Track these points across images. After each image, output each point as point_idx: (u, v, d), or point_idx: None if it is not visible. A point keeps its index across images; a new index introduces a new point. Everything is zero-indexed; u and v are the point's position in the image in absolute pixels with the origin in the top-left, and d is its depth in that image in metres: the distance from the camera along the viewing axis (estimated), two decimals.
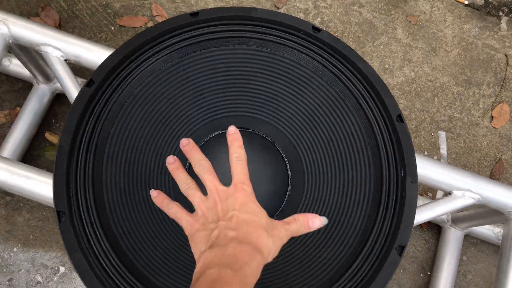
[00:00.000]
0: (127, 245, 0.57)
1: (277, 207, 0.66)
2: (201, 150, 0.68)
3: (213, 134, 0.69)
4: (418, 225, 1.13)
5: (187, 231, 0.50)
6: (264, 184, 0.63)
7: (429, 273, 1.09)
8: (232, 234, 0.45)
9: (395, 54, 1.25)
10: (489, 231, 1.08)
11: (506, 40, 1.30)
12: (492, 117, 1.23)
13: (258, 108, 0.69)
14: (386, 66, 1.24)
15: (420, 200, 1.06)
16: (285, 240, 0.48)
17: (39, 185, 0.78)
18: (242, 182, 0.50)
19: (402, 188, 0.60)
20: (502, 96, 1.25)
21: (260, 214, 0.49)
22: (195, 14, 0.65)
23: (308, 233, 0.62)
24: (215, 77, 0.67)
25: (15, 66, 1.09)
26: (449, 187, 0.84)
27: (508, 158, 1.19)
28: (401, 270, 1.09)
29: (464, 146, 1.20)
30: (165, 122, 0.65)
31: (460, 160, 1.18)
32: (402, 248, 0.58)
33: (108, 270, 0.55)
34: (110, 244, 0.56)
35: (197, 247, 0.47)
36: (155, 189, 0.56)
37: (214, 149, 0.67)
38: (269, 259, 0.47)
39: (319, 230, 0.61)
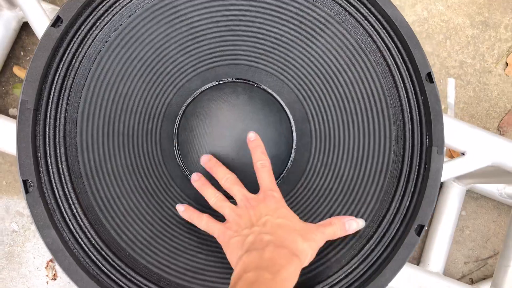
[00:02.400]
0: (108, 219, 0.49)
1: (279, 172, 0.58)
2: (194, 104, 0.59)
3: (208, 86, 0.59)
4: None
5: (220, 239, 0.49)
6: (265, 146, 0.55)
7: (426, 228, 1.05)
8: (267, 238, 0.45)
9: None
10: (492, 187, 1.03)
11: None
12: (506, 64, 1.13)
13: (262, 57, 0.58)
14: (397, 2, 1.12)
15: None
16: (321, 243, 0.48)
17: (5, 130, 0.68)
18: (271, 189, 0.50)
19: (427, 159, 0.52)
20: None
21: (293, 218, 0.48)
22: None
23: (313, 198, 0.55)
24: (211, 17, 0.55)
25: None
26: (463, 147, 0.77)
27: None
28: None
29: (473, 95, 1.11)
30: (152, 72, 0.55)
31: (468, 110, 1.11)
32: (421, 228, 0.51)
33: (86, 248, 0.47)
34: (88, 218, 0.48)
35: (233, 253, 0.46)
36: (181, 203, 0.53)
37: (209, 104, 0.57)
38: (306, 263, 0.46)
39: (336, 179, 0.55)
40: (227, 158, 0.57)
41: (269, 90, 0.59)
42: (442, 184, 1.05)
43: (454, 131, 0.77)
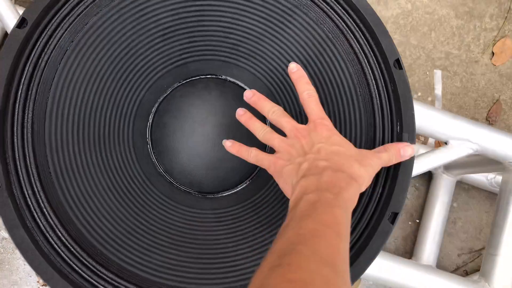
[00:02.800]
0: (79, 217, 0.49)
1: (255, 167, 0.58)
2: (166, 101, 0.59)
3: (179, 83, 0.59)
4: None
5: (271, 169, 0.48)
6: (240, 139, 0.55)
7: (417, 220, 1.05)
8: (323, 164, 0.43)
9: None
10: (482, 177, 1.02)
11: None
12: (492, 53, 1.13)
13: (232, 51, 0.58)
14: None
15: None
16: (377, 168, 0.47)
17: None
18: (321, 118, 0.48)
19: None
20: (505, 30, 1.14)
21: (347, 145, 0.47)
22: None
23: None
24: (178, 12, 0.56)
25: None
26: (445, 136, 0.76)
27: (507, 99, 1.11)
28: None
29: (460, 86, 1.11)
30: (121, 70, 0.55)
31: (455, 101, 1.10)
32: (395, 215, 0.51)
33: (56, 247, 0.47)
34: (58, 217, 0.47)
35: (287, 181, 0.45)
36: (227, 139, 0.54)
37: (181, 101, 0.58)
38: (363, 188, 0.45)
39: None
40: (201, 153, 0.57)
41: (241, 84, 0.60)
42: (431, 176, 1.05)
43: (435, 121, 0.76)
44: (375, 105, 0.53)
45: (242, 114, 0.52)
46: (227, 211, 0.56)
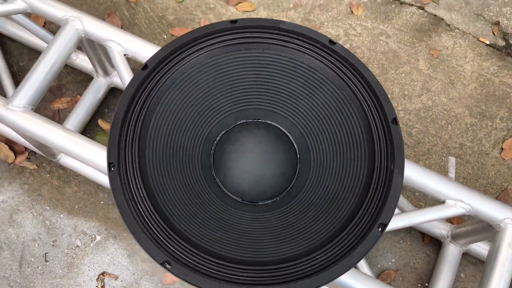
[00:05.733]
0: (160, 196, 0.70)
1: (285, 187, 0.79)
2: (227, 133, 0.82)
3: (238, 122, 0.83)
4: (420, 239, 1.22)
5: None
6: (276, 167, 0.77)
7: (426, 284, 1.17)
8: None
9: (415, 83, 1.37)
10: (486, 251, 1.16)
11: None
12: (502, 149, 1.31)
13: (278, 104, 0.82)
14: (406, 92, 1.36)
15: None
16: None
17: (91, 153, 0.93)
18: None
19: (390, 177, 0.72)
20: None
21: None
22: (234, 21, 0.80)
23: (309, 205, 0.74)
24: (244, 75, 0.81)
25: (81, 60, 1.28)
26: (443, 196, 0.94)
27: None
28: (401, 278, 1.17)
29: (472, 173, 1.28)
30: (200, 107, 0.80)
31: (467, 185, 1.27)
32: (384, 226, 0.69)
33: (142, 212, 0.68)
34: (147, 193, 0.69)
35: None
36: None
37: (238, 134, 0.81)
38: None
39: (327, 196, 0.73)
40: (247, 172, 0.79)
41: (282, 128, 0.83)
42: (440, 244, 1.19)
43: (437, 182, 0.94)
44: (376, 148, 0.74)
45: None
46: (260, 215, 0.76)
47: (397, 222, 0.93)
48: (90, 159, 0.93)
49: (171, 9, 1.42)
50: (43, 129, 0.93)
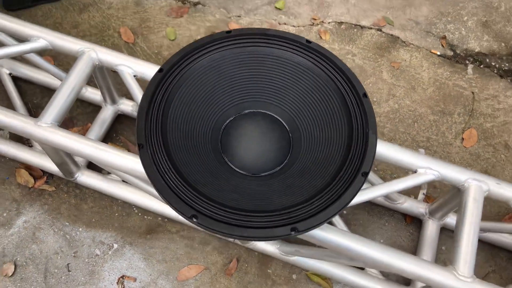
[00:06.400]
0: (182, 168, 0.86)
1: (283, 160, 0.96)
2: (231, 122, 0.99)
3: (239, 113, 1.00)
4: (403, 220, 1.37)
5: None
6: (273, 143, 0.94)
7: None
8: None
9: (382, 90, 1.58)
10: None
11: (472, 81, 1.62)
12: (462, 139, 1.51)
13: (270, 95, 1.00)
14: (375, 99, 1.56)
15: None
16: None
17: (113, 156, 1.07)
18: None
19: (366, 137, 0.89)
20: (471, 123, 1.54)
21: None
22: (228, 32, 1.00)
23: (304, 169, 0.90)
24: (240, 73, 0.99)
25: (89, 93, 1.46)
26: (415, 166, 1.11)
27: (477, 171, 1.45)
28: None
29: None
30: (206, 100, 0.97)
31: None
32: (366, 174, 0.85)
33: (170, 179, 0.83)
34: (172, 165, 0.84)
35: None
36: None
37: (240, 122, 0.98)
38: None
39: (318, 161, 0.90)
40: (249, 150, 0.96)
41: (275, 115, 1.00)
42: (421, 223, 1.34)
43: (408, 156, 1.12)
44: (352, 117, 0.92)
45: None
46: (265, 182, 0.91)
47: (380, 190, 1.09)
48: (113, 161, 1.07)
49: (165, 46, 1.63)
50: (68, 140, 1.08)
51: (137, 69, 1.19)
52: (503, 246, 1.34)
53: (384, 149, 1.13)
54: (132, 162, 1.06)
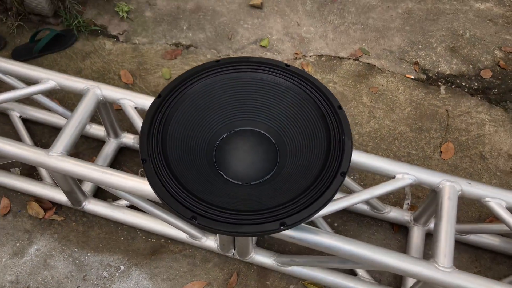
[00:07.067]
0: (181, 178, 0.97)
1: (272, 168, 1.07)
2: (223, 139, 1.11)
3: (231, 131, 1.12)
4: (391, 229, 1.47)
5: None
6: (262, 155, 1.05)
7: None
8: None
9: (363, 113, 1.72)
10: None
11: (445, 100, 1.76)
12: (441, 152, 1.63)
13: (257, 115, 1.13)
14: (357, 121, 1.70)
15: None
16: None
17: (118, 179, 1.18)
18: None
19: (342, 143, 1.01)
20: (447, 138, 1.67)
21: None
22: (217, 61, 1.14)
23: (290, 175, 1.02)
24: (229, 96, 1.13)
25: (94, 129, 1.58)
26: (393, 172, 1.22)
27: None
28: None
29: None
30: (200, 121, 1.10)
31: None
32: (344, 173, 0.96)
33: (171, 187, 0.94)
34: (172, 175, 0.96)
35: None
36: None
37: (230, 140, 1.11)
38: None
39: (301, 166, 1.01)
40: (241, 162, 1.07)
41: (262, 131, 1.12)
42: (407, 230, 1.44)
43: (387, 163, 1.23)
44: (329, 127, 1.04)
45: None
46: (254, 188, 1.02)
47: (362, 196, 1.20)
48: (119, 183, 1.18)
49: (162, 85, 1.77)
50: (78, 167, 1.20)
51: (137, 102, 1.33)
52: (487, 247, 1.42)
53: (365, 159, 1.24)
54: (135, 183, 1.17)
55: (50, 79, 1.36)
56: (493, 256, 1.43)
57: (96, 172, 1.19)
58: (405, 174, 1.22)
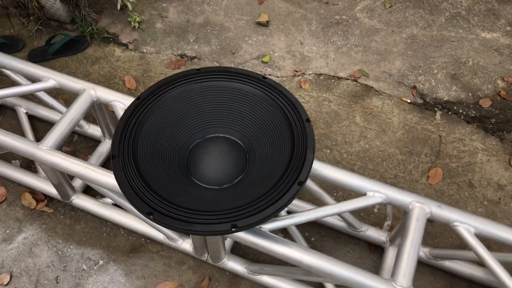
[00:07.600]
0: (147, 175, 1.02)
1: (241, 173, 1.11)
2: (197, 144, 1.16)
3: (204, 138, 1.17)
4: (367, 249, 1.47)
5: None
6: (232, 161, 1.10)
7: None
8: None
9: (354, 133, 1.74)
10: (421, 252, 1.40)
11: (440, 126, 1.76)
12: (428, 176, 1.63)
13: (230, 122, 1.18)
14: (347, 139, 1.72)
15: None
16: None
17: (99, 176, 1.25)
18: None
19: (304, 154, 1.04)
20: (437, 163, 1.66)
21: None
22: (199, 69, 1.20)
23: (255, 181, 1.05)
24: (206, 102, 1.18)
25: (91, 129, 1.67)
26: (364, 189, 1.24)
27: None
28: None
29: None
30: (175, 125, 1.15)
31: None
32: (302, 183, 0.99)
33: (135, 184, 0.99)
34: (138, 172, 1.01)
35: None
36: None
37: (205, 145, 1.15)
38: None
39: (263, 173, 1.05)
40: (211, 167, 1.12)
41: (234, 138, 1.17)
42: (383, 250, 1.44)
43: (360, 181, 1.25)
44: (295, 137, 1.08)
45: None
46: (219, 192, 1.06)
47: (332, 210, 1.22)
48: (99, 179, 1.25)
49: None
50: (63, 161, 1.27)
51: (127, 104, 1.40)
52: (461, 275, 1.40)
53: (337, 174, 1.26)
54: (106, 177, 1.23)
55: (51, 78, 1.45)
56: (469, 285, 1.41)
57: (78, 166, 1.26)
58: (376, 192, 1.23)
